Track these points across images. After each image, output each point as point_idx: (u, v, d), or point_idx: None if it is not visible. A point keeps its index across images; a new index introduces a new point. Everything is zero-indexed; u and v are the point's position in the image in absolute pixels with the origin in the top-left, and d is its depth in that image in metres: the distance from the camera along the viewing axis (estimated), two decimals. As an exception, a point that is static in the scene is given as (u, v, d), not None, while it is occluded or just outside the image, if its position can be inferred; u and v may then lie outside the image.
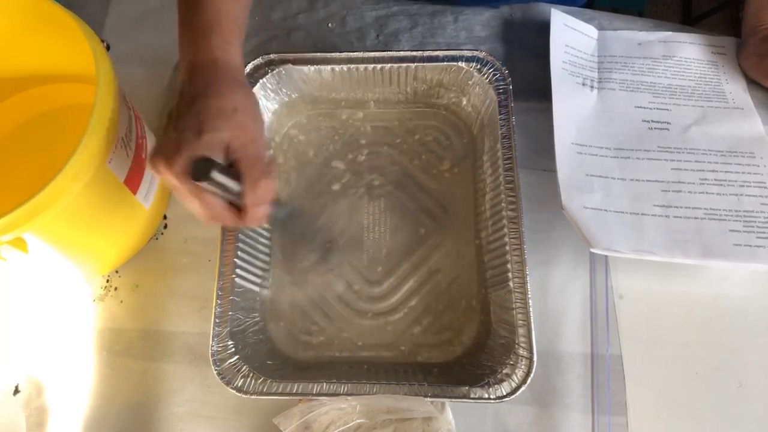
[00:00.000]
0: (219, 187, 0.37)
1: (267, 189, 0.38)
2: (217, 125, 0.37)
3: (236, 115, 0.38)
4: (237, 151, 0.37)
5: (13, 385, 0.53)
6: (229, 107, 0.38)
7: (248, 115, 0.39)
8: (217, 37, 0.41)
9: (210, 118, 0.37)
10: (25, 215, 0.37)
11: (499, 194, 0.52)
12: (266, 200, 0.39)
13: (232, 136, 0.37)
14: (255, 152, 0.38)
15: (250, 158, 0.37)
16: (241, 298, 0.51)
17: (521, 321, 0.47)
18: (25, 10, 0.47)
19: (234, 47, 0.41)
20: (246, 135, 0.38)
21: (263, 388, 0.47)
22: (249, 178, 0.37)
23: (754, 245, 0.52)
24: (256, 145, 0.38)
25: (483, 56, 0.55)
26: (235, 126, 0.38)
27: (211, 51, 0.40)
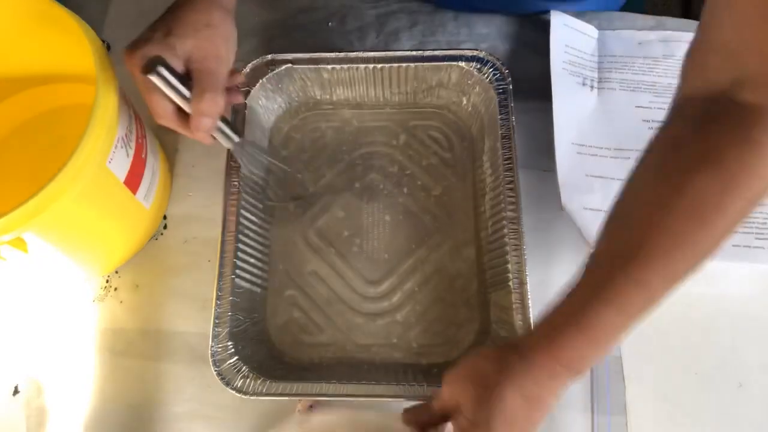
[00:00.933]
0: (168, 86, 0.39)
1: (213, 102, 0.40)
2: (185, 32, 0.40)
3: (206, 29, 0.40)
4: (195, 61, 0.40)
5: (13, 385, 0.53)
6: (202, 21, 0.41)
7: (218, 34, 0.41)
8: None
9: (180, 25, 0.40)
10: (25, 215, 0.37)
11: (499, 194, 0.52)
12: (211, 113, 0.41)
13: (195, 46, 0.40)
14: (213, 66, 0.40)
15: (205, 70, 0.40)
16: (241, 299, 0.51)
17: (521, 321, 0.47)
18: (25, 10, 0.47)
19: None
20: (209, 49, 0.40)
21: (263, 389, 0.47)
22: (198, 87, 0.40)
23: (753, 246, 0.52)
24: (216, 61, 0.41)
25: (483, 56, 0.55)
26: (201, 38, 0.40)
27: None
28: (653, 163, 0.36)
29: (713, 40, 0.34)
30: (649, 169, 0.36)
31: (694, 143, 0.34)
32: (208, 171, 0.59)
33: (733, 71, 0.33)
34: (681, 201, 0.33)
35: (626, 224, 0.36)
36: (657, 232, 0.33)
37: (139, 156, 0.49)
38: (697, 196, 0.32)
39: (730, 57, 0.33)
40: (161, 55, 0.39)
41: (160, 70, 0.38)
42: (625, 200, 0.37)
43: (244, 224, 0.53)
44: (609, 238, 0.36)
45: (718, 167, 0.32)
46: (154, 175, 0.53)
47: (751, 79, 0.32)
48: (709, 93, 0.35)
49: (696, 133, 0.34)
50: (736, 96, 0.33)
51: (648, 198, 0.35)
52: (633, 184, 0.37)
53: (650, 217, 0.34)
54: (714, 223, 0.33)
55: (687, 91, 0.37)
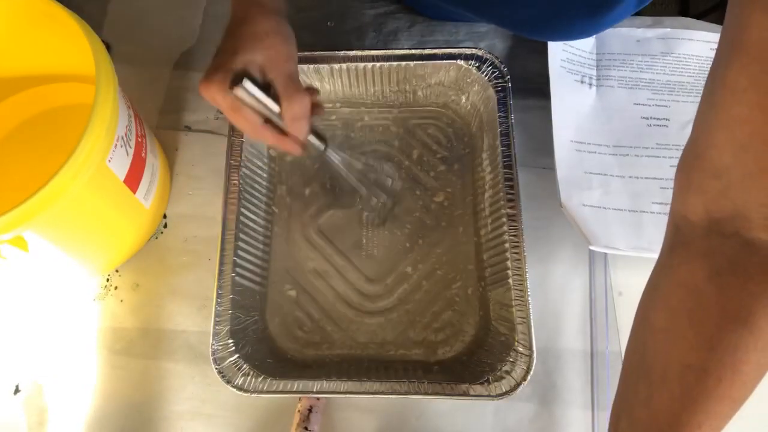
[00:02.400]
0: (255, 99, 0.40)
1: (303, 103, 0.40)
2: (251, 47, 0.40)
3: (267, 38, 0.41)
4: (271, 70, 0.40)
5: (14, 384, 0.53)
6: (261, 31, 0.41)
7: (280, 39, 0.41)
8: None
9: (244, 40, 0.40)
10: (25, 214, 0.37)
11: (498, 192, 0.52)
12: (302, 116, 0.41)
13: (265, 56, 0.40)
14: (288, 71, 0.41)
15: (284, 75, 0.40)
16: (241, 297, 0.51)
17: (520, 318, 0.47)
18: (25, 10, 0.47)
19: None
20: (278, 56, 0.41)
21: (263, 387, 0.47)
22: (284, 93, 0.40)
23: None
24: (288, 64, 0.41)
25: (482, 54, 0.55)
26: (267, 47, 0.40)
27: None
28: (673, 317, 0.33)
29: (709, 162, 0.31)
30: (670, 321, 0.33)
31: (716, 297, 0.31)
32: (208, 170, 0.59)
33: (737, 204, 0.30)
34: (720, 367, 0.30)
35: (664, 389, 0.32)
36: (701, 402, 0.31)
37: (138, 155, 0.49)
38: (736, 360, 0.30)
39: (732, 187, 0.30)
40: (244, 68, 0.39)
41: (246, 84, 0.38)
42: (653, 359, 0.33)
43: (244, 222, 0.53)
44: (647, 404, 0.33)
45: (750, 329, 0.30)
46: (154, 174, 0.53)
47: (762, 219, 0.29)
48: (711, 221, 0.31)
49: (714, 284, 0.31)
50: (745, 232, 0.30)
51: (680, 359, 0.32)
52: (655, 337, 0.34)
53: (690, 385, 0.31)
54: (753, 381, 0.31)
55: (685, 212, 0.34)
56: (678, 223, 0.35)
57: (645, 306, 0.36)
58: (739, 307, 0.30)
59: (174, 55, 0.65)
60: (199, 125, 0.62)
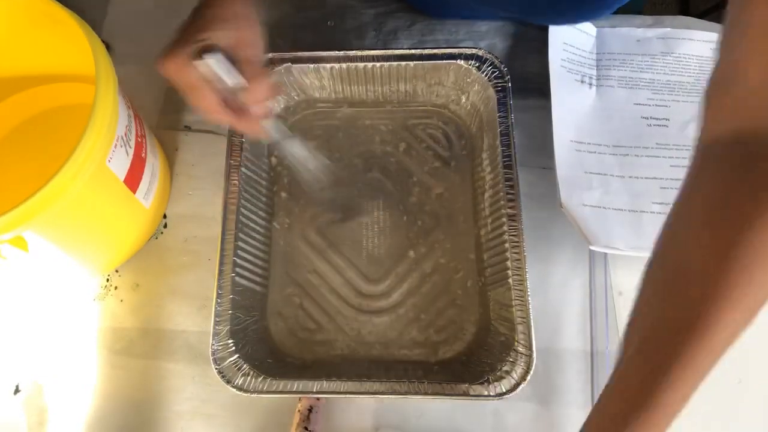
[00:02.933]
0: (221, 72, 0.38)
1: (265, 86, 0.40)
2: (215, 27, 0.39)
3: (234, 21, 0.40)
4: (240, 49, 0.39)
5: (14, 384, 0.53)
6: (228, 14, 0.40)
7: (246, 23, 0.41)
8: None
9: (208, 22, 0.39)
10: (25, 214, 0.38)
11: (498, 192, 0.52)
12: (264, 97, 0.40)
13: (230, 37, 0.39)
14: (252, 54, 0.40)
15: (248, 58, 0.39)
16: (241, 297, 0.51)
17: (520, 318, 0.47)
18: (25, 10, 0.47)
19: None
20: (243, 39, 0.40)
21: (263, 387, 0.47)
22: (248, 73, 0.39)
23: (753, 242, 0.52)
24: (253, 48, 0.40)
25: (482, 54, 0.55)
26: (232, 29, 0.40)
27: None
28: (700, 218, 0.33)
29: (743, 82, 0.31)
30: (695, 226, 0.33)
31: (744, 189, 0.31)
32: (208, 170, 0.59)
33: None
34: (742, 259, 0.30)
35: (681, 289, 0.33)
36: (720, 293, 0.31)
37: (138, 155, 0.49)
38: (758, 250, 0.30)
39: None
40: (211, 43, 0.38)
41: (212, 55, 0.37)
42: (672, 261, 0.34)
43: (244, 222, 0.53)
44: (662, 305, 0.33)
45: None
46: (154, 174, 0.53)
47: None
48: (744, 134, 0.31)
49: (743, 179, 0.31)
50: None
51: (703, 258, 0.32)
52: (677, 242, 0.34)
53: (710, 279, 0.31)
54: None
55: (714, 134, 0.33)
56: (706, 147, 0.34)
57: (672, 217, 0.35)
58: None
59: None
60: (199, 125, 0.62)
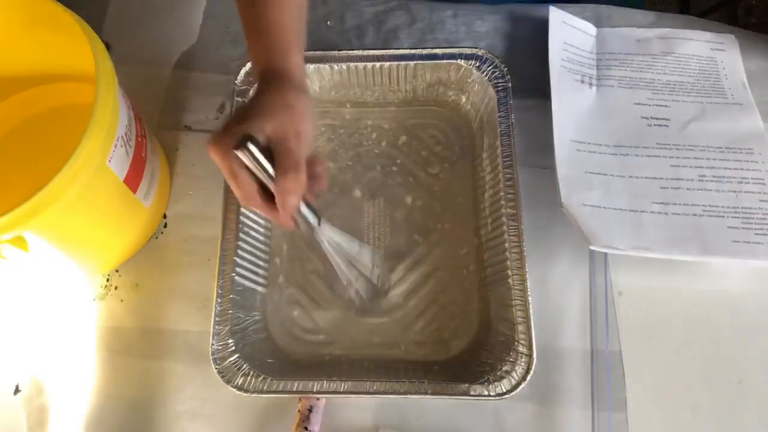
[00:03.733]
0: (256, 164, 0.39)
1: (296, 180, 0.39)
2: (262, 115, 0.40)
3: (283, 112, 0.40)
4: (276, 142, 0.40)
5: (14, 384, 0.53)
6: (277, 104, 0.41)
7: (294, 114, 0.41)
8: (278, 50, 0.44)
9: (257, 109, 0.41)
10: (25, 214, 0.38)
11: (498, 191, 0.52)
12: (294, 191, 0.40)
13: (274, 128, 0.40)
14: (294, 146, 0.40)
15: (287, 150, 0.39)
16: (241, 297, 0.51)
17: (521, 318, 0.47)
18: (25, 10, 0.47)
19: (293, 55, 0.44)
20: (288, 130, 0.40)
21: (263, 386, 0.47)
22: (281, 166, 0.39)
23: (753, 242, 0.52)
24: (296, 140, 0.40)
25: (482, 54, 0.55)
26: (279, 120, 0.40)
27: (272, 61, 0.44)
28: None
29: None
30: None
31: None
32: (208, 170, 0.59)
33: None
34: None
35: None
36: None
37: (138, 155, 0.49)
38: None
39: None
40: (250, 133, 0.39)
41: (249, 146, 0.38)
42: None
43: (245, 222, 0.53)
44: None
45: None
46: (154, 174, 0.53)
47: None
48: None
49: None
50: None
51: None
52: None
53: None
54: None
55: None
56: None
57: None
58: None
59: (174, 55, 0.65)
60: (199, 125, 0.62)
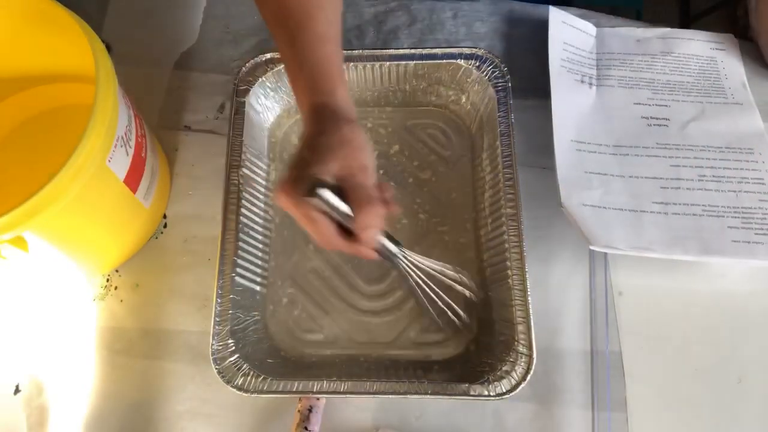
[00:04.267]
0: (331, 206, 0.39)
1: (373, 213, 0.40)
2: (325, 158, 0.40)
3: (342, 149, 0.41)
4: (344, 179, 0.40)
5: (14, 384, 0.53)
6: (335, 142, 0.41)
7: (354, 149, 0.41)
8: (324, 84, 0.44)
9: (318, 152, 0.41)
10: (25, 214, 0.38)
11: (498, 191, 0.52)
12: (373, 224, 0.41)
13: (339, 166, 0.40)
14: (362, 180, 0.40)
15: (357, 185, 0.40)
16: (241, 297, 0.51)
17: (521, 318, 0.47)
18: (25, 10, 0.47)
19: (339, 90, 0.44)
20: (352, 165, 0.41)
21: (264, 386, 0.47)
22: (356, 202, 0.40)
23: (753, 241, 0.52)
24: (363, 173, 0.41)
25: (482, 53, 0.55)
26: (341, 158, 0.40)
27: (320, 96, 0.44)
28: None
29: None
30: None
31: None
32: (208, 170, 0.59)
33: None
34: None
35: None
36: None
37: (138, 155, 0.49)
38: None
39: None
40: (319, 177, 0.39)
41: (322, 192, 0.38)
42: None
43: (244, 222, 0.53)
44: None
45: None
46: (154, 174, 0.53)
47: None
48: None
49: None
50: None
51: None
52: None
53: None
54: None
55: None
56: None
57: None
58: None
59: (174, 55, 0.65)
60: (199, 125, 0.62)
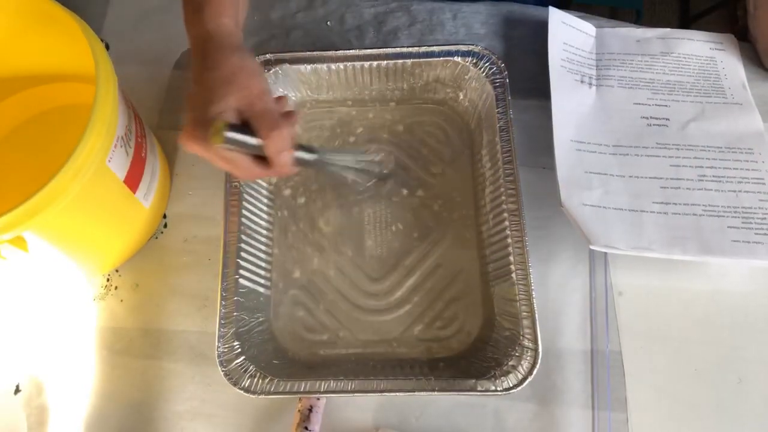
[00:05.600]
0: (240, 144, 0.40)
1: (281, 137, 0.40)
2: (220, 93, 0.40)
3: (236, 79, 0.41)
4: (245, 110, 0.40)
5: (14, 384, 0.53)
6: (227, 74, 0.41)
7: (247, 76, 0.41)
8: (208, 12, 0.44)
9: (213, 89, 0.41)
10: (25, 214, 0.38)
11: (498, 188, 0.52)
12: (284, 147, 0.41)
13: (237, 98, 0.40)
14: (262, 107, 0.41)
15: (258, 113, 0.40)
16: (245, 299, 0.51)
17: (525, 313, 0.47)
18: (25, 10, 0.47)
19: (226, 17, 0.44)
20: (249, 94, 0.41)
21: (270, 388, 0.47)
22: (262, 131, 0.40)
23: (753, 241, 0.52)
24: (261, 100, 0.41)
25: (479, 51, 0.56)
26: (236, 89, 0.41)
27: (204, 25, 0.44)
28: None
29: None
30: None
31: None
32: (208, 170, 0.59)
33: None
34: None
35: None
36: None
37: (138, 155, 0.49)
38: None
39: None
40: (221, 120, 0.39)
41: (228, 134, 0.38)
42: None
43: (246, 224, 0.53)
44: None
45: None
46: (154, 174, 0.53)
47: None
48: None
49: None
50: None
51: None
52: None
53: None
54: None
55: None
56: None
57: None
58: None
59: (174, 55, 0.65)
60: (199, 125, 0.62)
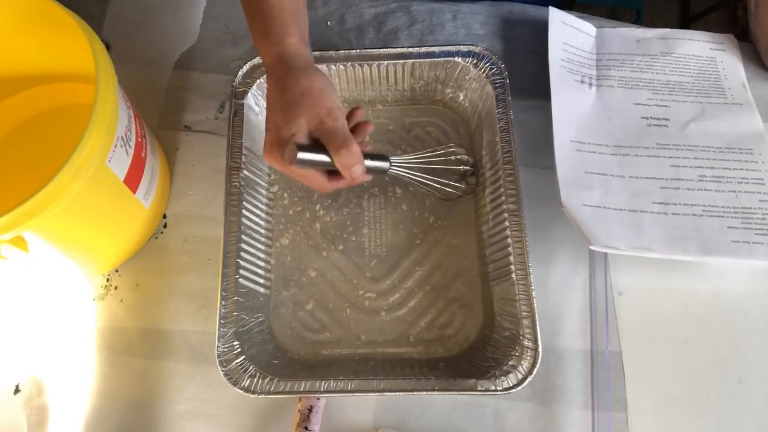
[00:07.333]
0: (312, 163, 0.43)
1: (349, 153, 0.42)
2: (291, 115, 0.43)
3: (304, 101, 0.43)
4: (315, 130, 0.43)
5: (14, 384, 0.53)
6: (296, 96, 0.43)
7: (315, 97, 0.43)
8: (274, 34, 0.46)
9: (284, 111, 0.43)
10: (25, 214, 0.38)
11: (498, 188, 0.52)
12: (354, 163, 0.43)
13: (306, 119, 0.43)
14: (331, 125, 0.43)
15: (328, 132, 0.43)
16: (245, 299, 0.51)
17: (525, 313, 0.47)
18: (25, 10, 0.47)
19: (292, 36, 0.46)
20: (318, 113, 0.43)
21: (270, 388, 0.47)
22: (332, 148, 0.42)
23: (752, 242, 0.52)
24: (330, 118, 0.43)
25: (479, 51, 0.56)
26: (305, 111, 0.43)
27: (272, 48, 0.46)
28: None
29: None
30: None
31: None
32: (208, 170, 0.59)
33: None
34: None
35: None
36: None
37: (138, 155, 0.49)
38: None
39: None
40: (295, 142, 0.42)
41: (300, 155, 0.42)
42: None
43: (246, 224, 0.53)
44: None
45: None
46: (154, 174, 0.53)
47: None
48: None
49: None
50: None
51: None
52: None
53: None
54: None
55: None
56: None
57: None
58: None
59: (174, 55, 0.65)
60: (199, 125, 0.62)
